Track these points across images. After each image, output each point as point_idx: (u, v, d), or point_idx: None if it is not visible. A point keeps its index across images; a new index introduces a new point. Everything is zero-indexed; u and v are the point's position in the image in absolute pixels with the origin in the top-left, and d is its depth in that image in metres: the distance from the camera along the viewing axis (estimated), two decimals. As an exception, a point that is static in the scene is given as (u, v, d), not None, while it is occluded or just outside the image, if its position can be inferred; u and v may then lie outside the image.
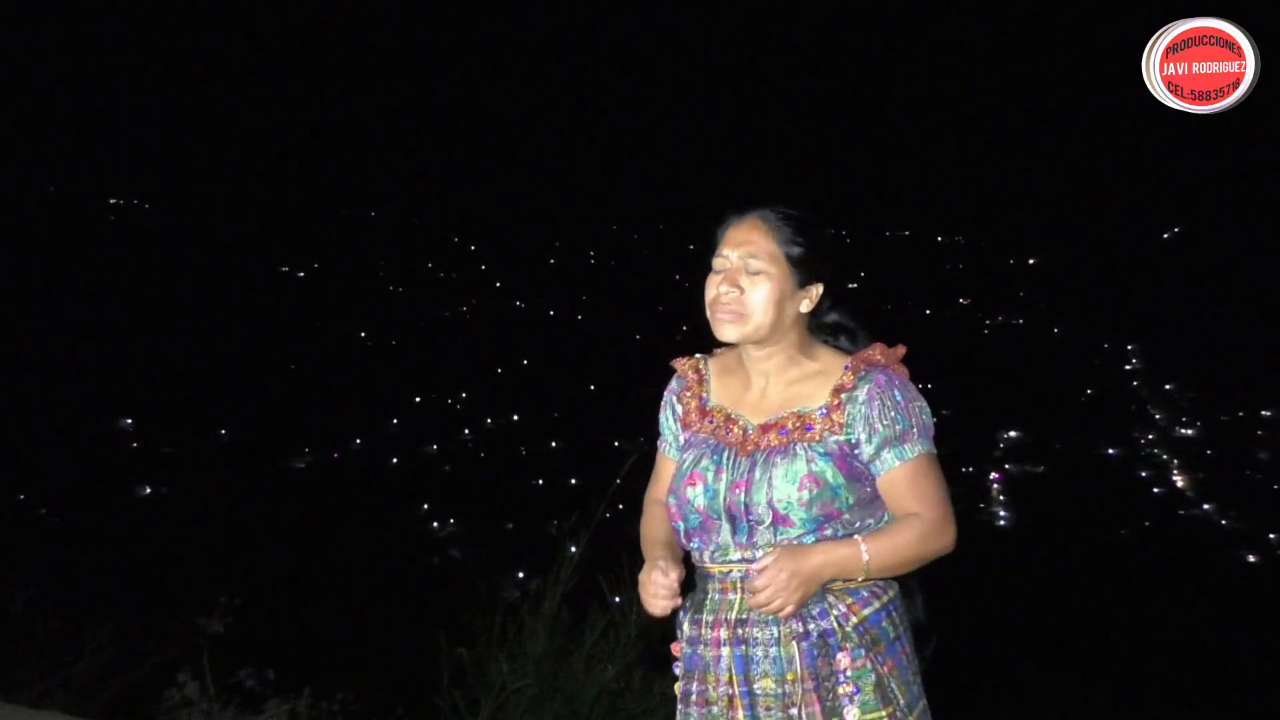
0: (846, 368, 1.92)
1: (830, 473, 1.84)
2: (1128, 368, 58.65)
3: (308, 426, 46.08)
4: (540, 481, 41.30)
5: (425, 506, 39.14)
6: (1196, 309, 58.93)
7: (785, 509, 1.83)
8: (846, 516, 1.86)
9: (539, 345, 59.83)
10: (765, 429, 1.93)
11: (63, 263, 58.00)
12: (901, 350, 1.96)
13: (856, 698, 1.80)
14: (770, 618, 1.84)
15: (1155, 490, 45.72)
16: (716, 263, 1.96)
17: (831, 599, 1.85)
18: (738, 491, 1.87)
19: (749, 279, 1.91)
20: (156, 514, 34.88)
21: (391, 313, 63.95)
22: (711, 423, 2.01)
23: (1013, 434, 50.57)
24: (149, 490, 38.86)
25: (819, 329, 2.04)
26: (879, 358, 1.93)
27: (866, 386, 1.87)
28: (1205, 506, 42.96)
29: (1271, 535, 38.26)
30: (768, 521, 1.85)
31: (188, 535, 29.79)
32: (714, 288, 1.94)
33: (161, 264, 61.68)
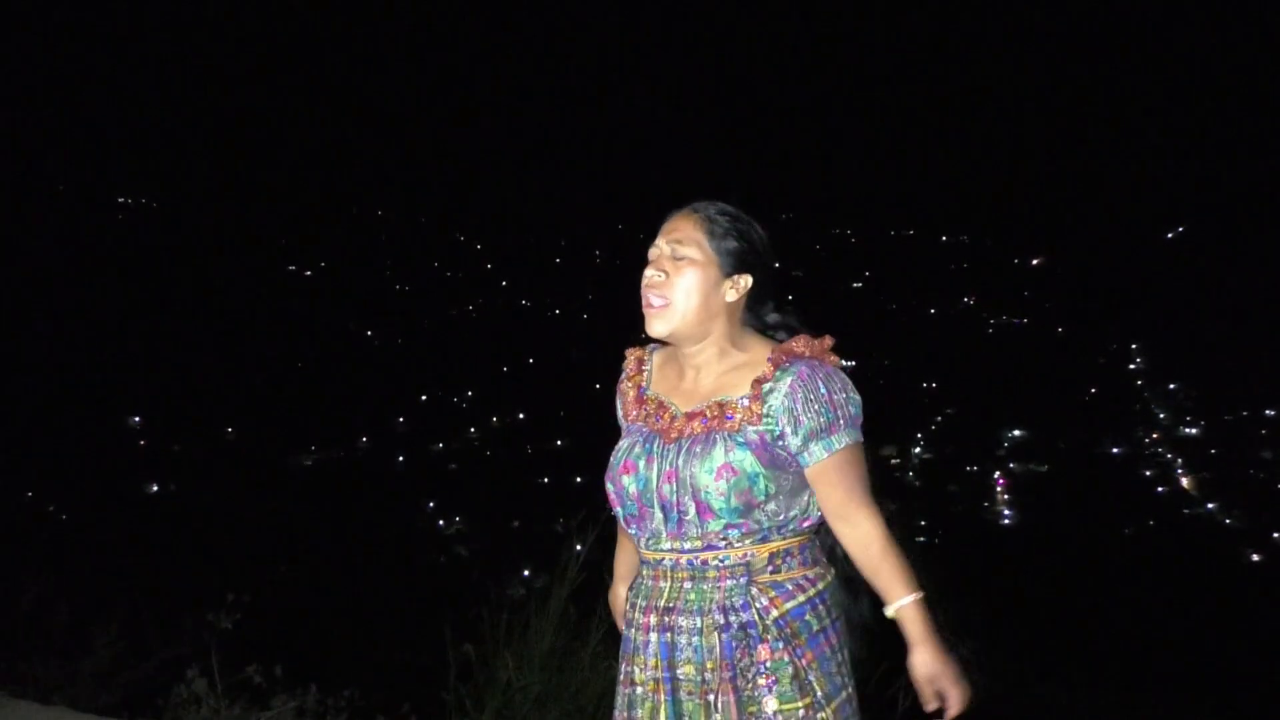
0: (769, 359, 1.95)
1: (748, 461, 1.88)
2: (1131, 367, 58.53)
3: (315, 425, 46.17)
4: (546, 480, 41.26)
5: (432, 504, 39.15)
6: (1200, 308, 58.79)
7: (706, 498, 1.88)
8: (771, 506, 1.90)
9: (545, 344, 59.82)
10: (690, 417, 1.97)
11: (71, 261, 58.12)
12: (829, 341, 1.98)
13: (775, 688, 1.86)
14: (696, 606, 1.92)
15: (1159, 489, 45.64)
16: (650, 253, 2.02)
17: (755, 592, 1.90)
18: (669, 482, 1.92)
19: (673, 264, 1.97)
20: (165, 511, 34.97)
21: (398, 312, 64.00)
22: (646, 410, 2.06)
23: (1016, 433, 50.51)
24: (157, 487, 38.98)
25: (761, 329, 2.07)
26: (801, 349, 1.95)
27: (789, 379, 1.90)
28: (1209, 506, 42.87)
29: (1275, 534, 38.17)
30: (691, 513, 1.90)
31: (196, 532, 29.84)
32: (644, 276, 2.01)
33: (169, 262, 61.83)
